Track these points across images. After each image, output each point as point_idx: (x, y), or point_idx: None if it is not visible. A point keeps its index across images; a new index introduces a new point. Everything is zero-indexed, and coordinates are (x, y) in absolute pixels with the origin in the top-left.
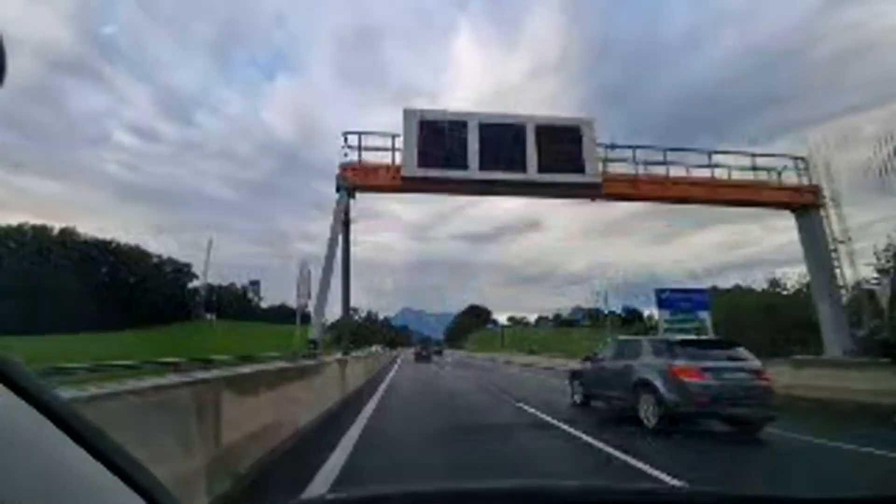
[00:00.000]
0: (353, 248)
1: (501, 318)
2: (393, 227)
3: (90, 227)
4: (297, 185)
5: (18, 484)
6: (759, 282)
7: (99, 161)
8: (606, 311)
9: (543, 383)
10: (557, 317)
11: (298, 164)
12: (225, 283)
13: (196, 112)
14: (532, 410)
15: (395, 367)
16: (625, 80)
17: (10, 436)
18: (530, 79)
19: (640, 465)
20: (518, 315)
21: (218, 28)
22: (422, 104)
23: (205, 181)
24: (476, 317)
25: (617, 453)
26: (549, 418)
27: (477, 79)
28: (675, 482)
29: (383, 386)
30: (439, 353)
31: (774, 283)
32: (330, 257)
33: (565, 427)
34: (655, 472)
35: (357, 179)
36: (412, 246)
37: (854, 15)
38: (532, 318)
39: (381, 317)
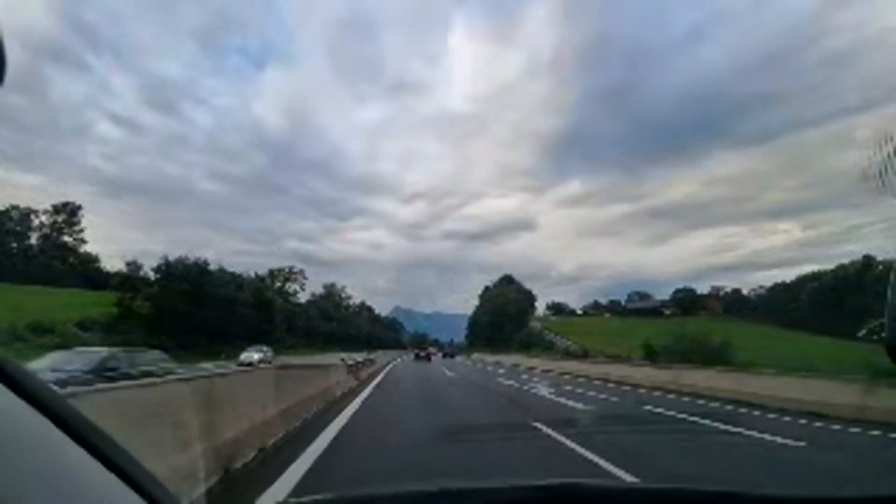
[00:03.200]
0: (345, 247)
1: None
2: (387, 226)
3: None
4: (288, 181)
5: (19, 484)
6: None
7: None
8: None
9: None
10: (616, 304)
11: (288, 158)
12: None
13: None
14: None
15: None
16: (622, 79)
17: (10, 436)
18: (526, 76)
19: None
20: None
21: (207, 16)
22: (415, 99)
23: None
24: (516, 291)
25: None
26: None
27: (472, 74)
28: None
29: None
30: (451, 355)
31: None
32: None
33: None
34: None
35: None
36: (405, 245)
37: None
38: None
39: (351, 297)
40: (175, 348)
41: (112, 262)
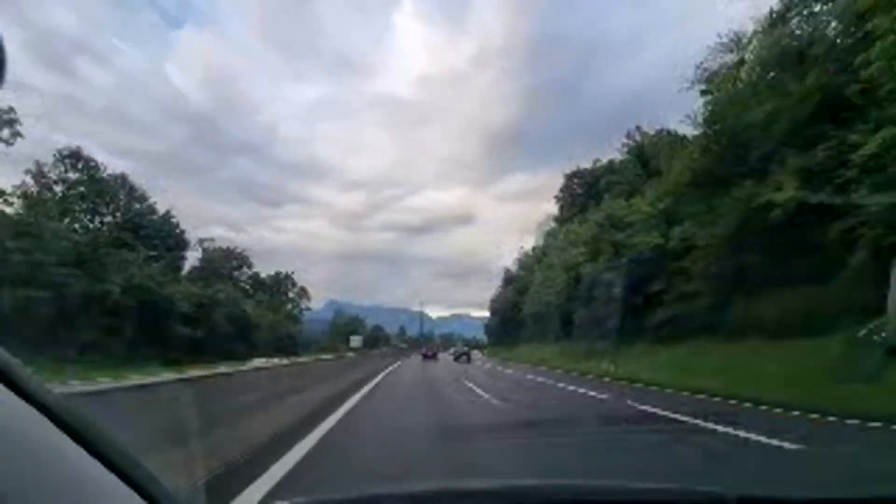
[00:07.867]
0: (276, 236)
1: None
2: (323, 215)
3: None
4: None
5: (19, 483)
6: None
7: None
8: None
9: None
10: None
11: (212, 135)
12: None
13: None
14: None
15: None
16: (568, 75)
17: (10, 436)
18: (474, 65)
19: None
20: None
21: None
22: (358, 79)
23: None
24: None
25: None
26: None
27: (419, 58)
28: None
29: None
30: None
31: None
32: None
33: None
34: None
35: None
36: (342, 235)
37: None
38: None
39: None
40: None
41: None
